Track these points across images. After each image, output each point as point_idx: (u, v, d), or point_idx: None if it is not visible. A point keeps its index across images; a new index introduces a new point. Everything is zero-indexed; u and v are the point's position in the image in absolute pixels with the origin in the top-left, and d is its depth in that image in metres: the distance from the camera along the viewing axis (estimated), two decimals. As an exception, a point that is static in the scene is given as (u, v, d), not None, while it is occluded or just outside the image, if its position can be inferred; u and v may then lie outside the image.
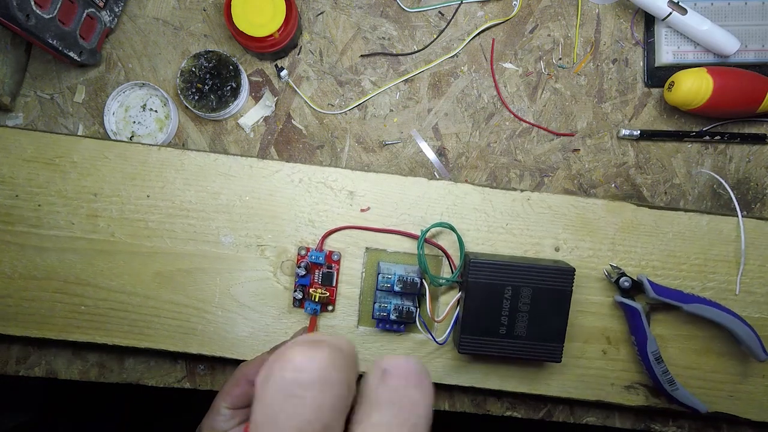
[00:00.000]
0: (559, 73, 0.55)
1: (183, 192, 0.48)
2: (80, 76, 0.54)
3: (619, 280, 0.47)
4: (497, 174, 0.55)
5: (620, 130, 0.54)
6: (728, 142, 0.54)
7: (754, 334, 0.46)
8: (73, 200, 0.48)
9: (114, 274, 0.48)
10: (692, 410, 0.46)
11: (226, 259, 0.48)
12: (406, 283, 0.45)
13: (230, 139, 0.54)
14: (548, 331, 0.45)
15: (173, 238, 0.48)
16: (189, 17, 0.55)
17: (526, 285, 0.44)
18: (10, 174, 0.48)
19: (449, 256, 0.48)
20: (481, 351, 0.45)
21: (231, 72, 0.53)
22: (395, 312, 0.45)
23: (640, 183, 0.55)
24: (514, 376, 0.48)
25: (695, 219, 0.49)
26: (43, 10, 0.45)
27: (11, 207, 0.48)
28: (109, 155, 0.48)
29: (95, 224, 0.48)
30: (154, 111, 0.54)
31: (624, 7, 0.55)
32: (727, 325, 0.46)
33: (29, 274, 0.48)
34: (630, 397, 0.48)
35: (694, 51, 0.54)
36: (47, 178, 0.48)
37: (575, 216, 0.49)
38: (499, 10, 0.55)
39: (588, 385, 0.48)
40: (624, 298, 0.47)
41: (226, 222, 0.48)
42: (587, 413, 0.53)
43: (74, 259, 0.48)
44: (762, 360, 0.46)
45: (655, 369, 0.46)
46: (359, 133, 0.55)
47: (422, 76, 0.55)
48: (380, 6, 0.55)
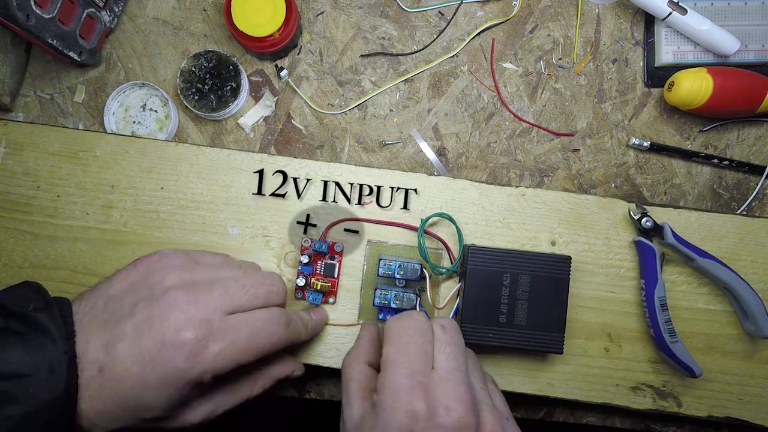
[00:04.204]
0: (559, 73, 0.55)
1: (195, 185, 0.49)
2: (80, 76, 0.54)
3: (642, 219, 0.48)
4: (497, 174, 0.55)
5: (630, 138, 0.54)
6: (736, 170, 0.54)
7: (762, 305, 0.46)
8: (90, 192, 0.49)
9: (122, 264, 0.48)
10: (687, 370, 0.46)
11: (232, 250, 0.48)
12: (407, 271, 0.46)
13: (230, 139, 0.54)
14: (548, 321, 0.45)
15: (182, 228, 0.49)
16: (189, 17, 0.55)
17: (524, 272, 0.45)
18: (35, 166, 0.49)
19: (448, 248, 0.48)
20: (482, 341, 0.45)
21: (231, 72, 0.53)
22: (396, 300, 0.46)
23: (640, 183, 0.55)
24: (517, 375, 0.48)
25: (684, 214, 0.49)
26: (43, 10, 0.45)
27: (32, 198, 0.49)
28: (130, 150, 0.49)
29: (109, 215, 0.49)
30: (154, 111, 0.54)
31: (624, 7, 0.55)
32: (738, 289, 0.46)
33: (39, 263, 0.48)
34: (637, 400, 0.48)
35: (694, 51, 0.54)
36: (69, 170, 0.49)
37: (569, 211, 0.49)
38: (499, 10, 0.55)
39: (593, 386, 0.48)
40: (642, 238, 0.48)
41: (234, 214, 0.49)
42: (587, 413, 0.53)
43: (84, 248, 0.49)
44: (766, 336, 0.46)
45: (658, 316, 0.46)
46: (359, 133, 0.55)
47: (422, 76, 0.55)
48: (380, 6, 0.55)
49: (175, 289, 0.36)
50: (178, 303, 0.36)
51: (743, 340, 0.49)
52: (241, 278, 0.40)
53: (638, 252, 0.48)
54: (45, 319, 0.33)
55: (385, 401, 0.34)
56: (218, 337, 0.35)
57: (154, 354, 0.34)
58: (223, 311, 0.37)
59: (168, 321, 0.35)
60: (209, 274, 0.39)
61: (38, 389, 0.31)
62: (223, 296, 0.37)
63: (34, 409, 0.31)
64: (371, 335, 0.42)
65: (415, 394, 0.34)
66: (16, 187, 0.49)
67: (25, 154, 0.49)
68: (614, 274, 0.49)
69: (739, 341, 0.49)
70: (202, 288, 0.37)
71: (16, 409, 0.30)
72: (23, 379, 0.31)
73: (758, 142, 0.55)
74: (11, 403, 0.30)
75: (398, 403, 0.34)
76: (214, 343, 0.35)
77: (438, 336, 0.38)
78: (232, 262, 0.44)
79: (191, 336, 0.35)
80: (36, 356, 0.32)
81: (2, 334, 0.32)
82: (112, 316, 0.36)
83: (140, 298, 0.36)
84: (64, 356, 0.33)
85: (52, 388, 0.32)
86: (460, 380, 0.36)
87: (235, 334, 0.36)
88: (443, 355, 0.37)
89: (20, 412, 0.30)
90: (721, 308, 0.49)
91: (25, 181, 0.49)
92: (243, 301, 0.38)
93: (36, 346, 0.32)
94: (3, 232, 0.49)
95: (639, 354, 0.48)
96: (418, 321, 0.38)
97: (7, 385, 0.31)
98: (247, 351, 0.37)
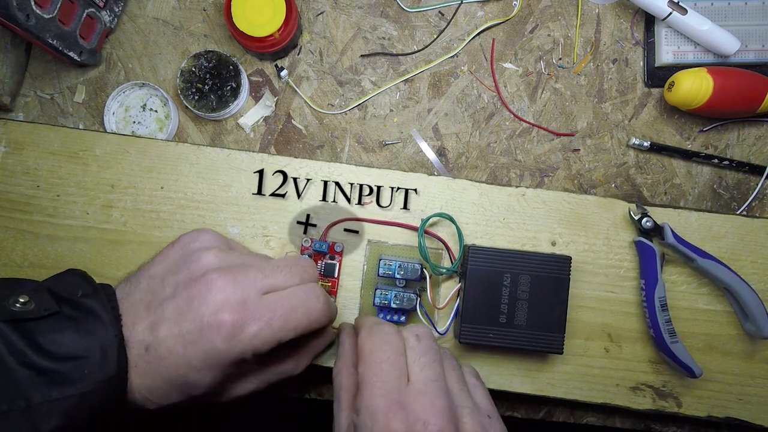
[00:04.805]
0: (559, 73, 0.55)
1: (195, 184, 0.49)
2: (80, 76, 0.54)
3: (642, 219, 0.48)
4: (497, 174, 0.55)
5: (631, 138, 0.54)
6: (737, 170, 0.54)
7: (762, 306, 0.46)
8: (90, 191, 0.49)
9: (121, 263, 0.48)
10: (687, 370, 0.46)
11: None
12: (407, 270, 0.46)
13: (230, 139, 0.54)
14: (548, 321, 0.45)
15: (183, 228, 0.49)
16: (189, 17, 0.55)
17: (524, 272, 0.45)
18: (35, 166, 0.49)
19: (449, 248, 0.48)
20: (482, 341, 0.45)
21: (231, 72, 0.53)
22: (396, 300, 0.46)
23: (640, 183, 0.55)
24: (517, 375, 0.48)
25: (684, 215, 0.49)
26: (43, 10, 0.45)
27: (31, 197, 0.49)
28: (130, 149, 0.49)
29: (109, 214, 0.49)
30: (154, 111, 0.54)
31: (624, 7, 0.55)
32: (738, 290, 0.46)
33: (39, 263, 0.48)
34: (637, 400, 0.48)
35: (694, 51, 0.54)
36: (69, 170, 0.49)
37: (569, 211, 0.49)
38: (499, 10, 0.55)
39: (593, 386, 0.48)
40: (642, 238, 0.48)
41: (234, 213, 0.49)
42: (587, 413, 0.53)
43: (84, 248, 0.49)
44: (766, 337, 0.46)
45: (658, 316, 0.46)
46: (359, 133, 0.55)
47: (422, 76, 0.55)
48: (380, 6, 0.55)
49: (213, 271, 0.37)
50: (215, 284, 0.36)
51: (743, 340, 0.49)
52: (273, 261, 0.41)
53: (638, 252, 0.48)
54: (94, 305, 0.35)
55: (364, 424, 0.35)
56: (255, 318, 0.36)
57: (195, 336, 0.35)
58: (260, 290, 0.37)
59: (206, 302, 0.36)
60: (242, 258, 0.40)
61: (92, 370, 0.33)
62: (259, 276, 0.38)
63: (90, 389, 0.33)
64: (351, 338, 0.43)
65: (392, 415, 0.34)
66: (15, 187, 0.49)
67: (25, 154, 0.49)
68: (614, 275, 0.49)
69: (739, 341, 0.49)
70: (238, 269, 0.38)
71: (73, 389, 0.32)
72: (79, 360, 0.33)
73: (758, 142, 0.55)
74: (69, 384, 0.32)
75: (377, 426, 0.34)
76: (251, 323, 0.36)
77: (412, 346, 0.39)
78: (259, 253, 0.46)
79: (228, 318, 0.35)
80: (89, 339, 0.34)
81: (57, 318, 0.34)
82: (155, 298, 0.37)
83: (180, 279, 0.37)
84: (115, 339, 0.34)
85: (105, 369, 0.33)
86: (437, 391, 0.36)
87: (271, 313, 0.37)
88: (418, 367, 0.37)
89: (77, 392, 0.32)
90: (721, 308, 0.49)
91: (25, 180, 0.49)
92: (279, 280, 0.39)
93: (88, 330, 0.34)
94: (3, 232, 0.49)
95: (639, 354, 0.48)
96: (388, 335, 0.39)
97: (65, 366, 0.32)
98: (284, 329, 0.37)
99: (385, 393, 0.35)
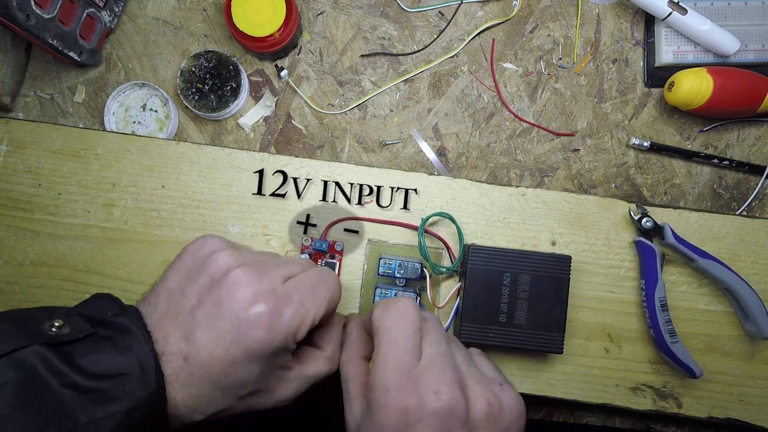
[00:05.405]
0: (559, 73, 0.55)
1: (196, 183, 0.49)
2: (80, 76, 0.54)
3: (642, 219, 0.48)
4: (497, 174, 0.55)
5: (630, 138, 0.54)
6: (737, 170, 0.54)
7: (762, 306, 0.46)
8: (91, 190, 0.49)
9: (122, 262, 0.49)
10: (687, 371, 0.46)
11: None
12: (407, 270, 0.46)
13: (230, 138, 0.54)
14: (548, 320, 0.45)
15: (183, 227, 0.49)
16: (189, 17, 0.55)
17: (524, 272, 0.45)
18: (37, 164, 0.49)
19: (449, 247, 0.48)
20: (482, 340, 0.45)
21: (231, 72, 0.53)
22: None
23: (640, 183, 0.55)
24: (517, 374, 0.48)
25: (684, 215, 0.49)
26: (43, 10, 0.45)
27: (33, 195, 0.49)
28: (131, 148, 0.50)
29: (110, 213, 0.49)
30: (154, 111, 0.54)
31: (624, 7, 0.55)
32: (738, 290, 0.46)
33: (40, 261, 0.48)
34: (637, 400, 0.48)
35: (694, 51, 0.54)
36: (70, 168, 0.49)
37: (569, 211, 0.49)
38: (499, 10, 0.55)
39: (593, 386, 0.48)
40: (642, 238, 0.48)
41: (234, 213, 0.49)
42: (587, 413, 0.53)
43: (85, 247, 0.49)
44: (766, 337, 0.46)
45: (658, 316, 0.46)
46: (359, 133, 0.55)
47: (422, 76, 0.55)
48: (380, 6, 0.55)
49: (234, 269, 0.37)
50: (240, 280, 0.36)
51: (743, 340, 0.49)
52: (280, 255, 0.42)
53: (638, 252, 0.48)
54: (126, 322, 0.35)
55: (377, 400, 0.35)
56: (288, 302, 0.37)
57: (234, 334, 0.35)
58: (281, 278, 0.38)
59: (236, 300, 0.36)
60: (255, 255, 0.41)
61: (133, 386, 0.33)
62: (277, 266, 0.39)
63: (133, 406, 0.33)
64: (359, 328, 0.43)
65: (405, 389, 0.35)
66: (17, 185, 0.49)
67: (26, 152, 0.49)
68: (614, 274, 0.49)
69: (740, 342, 0.49)
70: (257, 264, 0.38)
71: (118, 406, 0.32)
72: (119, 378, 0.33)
73: (758, 142, 0.55)
74: (112, 401, 0.32)
75: (390, 401, 0.35)
76: (286, 308, 0.36)
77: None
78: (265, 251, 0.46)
79: (264, 308, 0.36)
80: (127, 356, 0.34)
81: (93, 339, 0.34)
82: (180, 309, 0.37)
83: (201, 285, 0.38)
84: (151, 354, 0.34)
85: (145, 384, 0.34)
86: (446, 363, 0.37)
87: (300, 294, 0.37)
88: (427, 344, 0.38)
89: (122, 409, 0.32)
90: (722, 309, 0.49)
91: (27, 179, 0.49)
92: (294, 268, 0.40)
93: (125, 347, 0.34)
94: (4, 230, 0.49)
95: (639, 354, 0.48)
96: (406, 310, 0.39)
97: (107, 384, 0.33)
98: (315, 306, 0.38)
99: (398, 369, 0.36)
